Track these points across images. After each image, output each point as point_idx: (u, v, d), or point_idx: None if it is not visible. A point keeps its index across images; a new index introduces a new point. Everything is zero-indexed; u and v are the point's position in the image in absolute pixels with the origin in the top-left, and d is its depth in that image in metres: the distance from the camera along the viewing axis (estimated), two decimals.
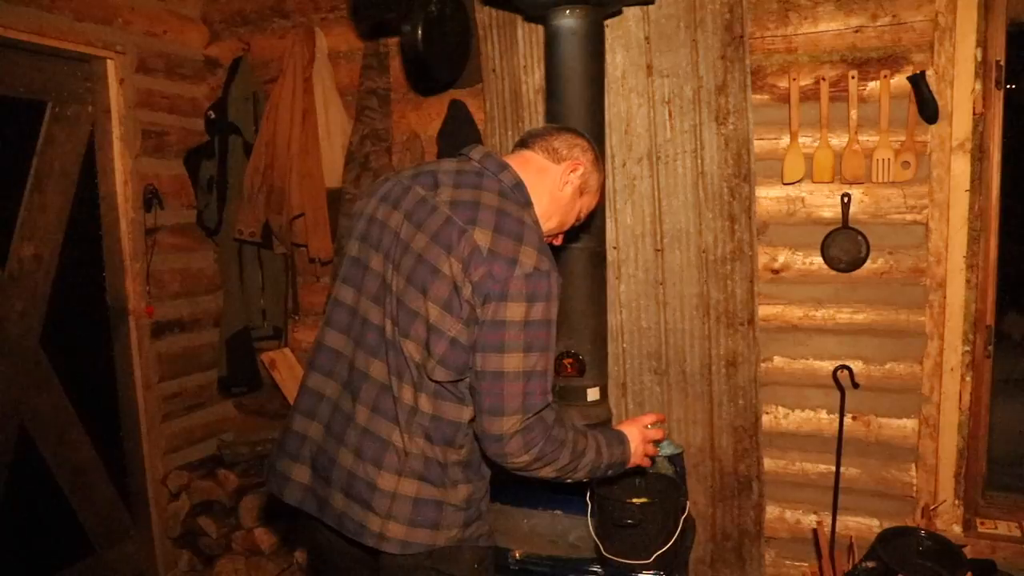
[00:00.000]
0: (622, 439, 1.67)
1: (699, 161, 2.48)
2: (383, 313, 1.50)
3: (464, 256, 1.42)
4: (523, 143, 1.67)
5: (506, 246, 1.42)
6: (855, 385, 2.44)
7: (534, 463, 1.46)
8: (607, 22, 2.42)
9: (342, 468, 1.52)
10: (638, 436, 1.71)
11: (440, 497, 1.50)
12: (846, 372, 2.43)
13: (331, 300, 1.63)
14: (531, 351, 1.42)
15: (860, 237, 2.40)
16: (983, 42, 2.24)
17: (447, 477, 1.50)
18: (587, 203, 1.69)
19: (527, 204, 1.55)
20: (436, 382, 1.46)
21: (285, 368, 3.24)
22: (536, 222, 1.55)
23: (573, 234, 1.94)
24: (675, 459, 2.14)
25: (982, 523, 2.44)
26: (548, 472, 1.50)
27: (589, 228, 2.24)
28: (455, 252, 1.43)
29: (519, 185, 1.56)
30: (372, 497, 1.48)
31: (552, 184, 1.61)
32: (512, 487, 2.57)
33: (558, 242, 1.75)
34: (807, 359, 2.54)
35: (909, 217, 2.37)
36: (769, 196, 2.52)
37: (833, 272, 2.46)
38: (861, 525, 2.52)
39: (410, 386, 1.47)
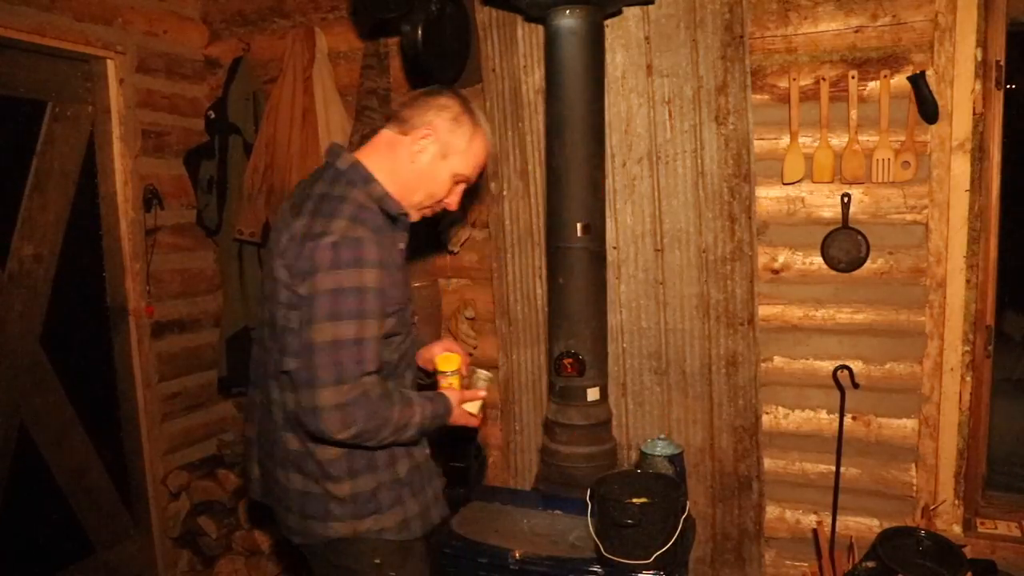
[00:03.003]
0: (448, 408, 1.72)
1: (699, 161, 2.48)
2: (270, 320, 1.61)
3: (284, 250, 1.51)
4: (386, 118, 1.70)
5: (319, 224, 1.47)
6: (855, 385, 2.44)
7: (354, 438, 1.48)
8: (607, 22, 2.42)
9: (266, 467, 1.69)
10: (458, 399, 1.77)
11: (322, 490, 1.57)
12: (846, 372, 2.43)
13: None
14: (341, 319, 1.42)
15: (860, 237, 2.40)
16: (983, 42, 2.24)
17: (325, 471, 1.56)
18: (460, 163, 1.65)
19: (364, 181, 1.57)
20: (286, 373, 1.54)
21: None
22: (372, 196, 1.56)
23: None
24: (675, 459, 2.14)
25: (982, 523, 2.44)
26: (369, 444, 1.53)
27: (591, 230, 2.24)
28: (279, 250, 1.52)
29: (354, 166, 1.58)
30: (280, 491, 1.64)
31: (402, 157, 1.61)
32: (512, 487, 2.57)
33: (453, 207, 1.74)
34: (807, 359, 2.54)
35: (909, 217, 2.37)
36: (769, 196, 2.52)
37: (833, 272, 2.46)
38: (861, 525, 2.52)
39: (279, 386, 1.57)
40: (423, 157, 1.61)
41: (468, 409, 1.80)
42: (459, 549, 1.97)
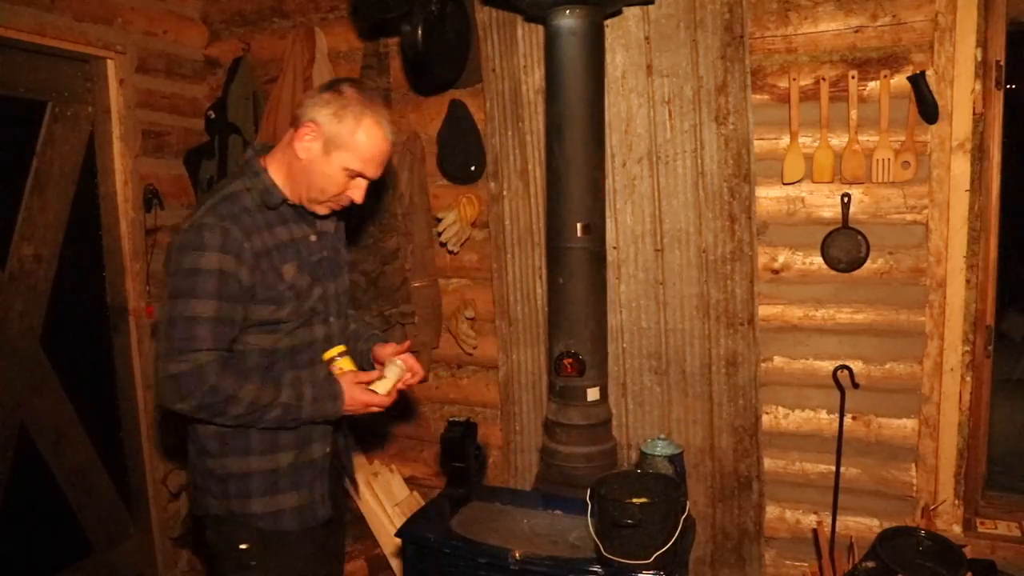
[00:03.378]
0: (335, 391, 1.66)
1: (699, 161, 2.48)
2: None
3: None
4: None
5: (192, 214, 1.59)
6: (855, 385, 2.44)
7: (199, 412, 1.54)
8: (607, 22, 2.42)
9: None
10: (351, 380, 1.70)
11: (204, 465, 1.66)
12: (846, 372, 2.43)
13: None
14: (178, 297, 1.52)
15: (860, 237, 2.40)
16: (983, 42, 2.24)
17: (203, 446, 1.65)
18: (347, 158, 1.62)
19: (253, 174, 1.65)
20: None
21: None
22: (255, 188, 1.63)
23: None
24: (675, 459, 2.14)
25: (982, 523, 2.44)
26: (224, 420, 1.57)
27: (591, 230, 2.24)
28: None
29: (248, 161, 1.68)
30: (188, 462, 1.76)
31: (292, 153, 1.64)
32: (512, 487, 2.56)
33: (358, 200, 1.71)
34: (807, 359, 2.54)
35: (909, 217, 2.37)
36: (769, 196, 2.52)
37: (833, 272, 2.46)
38: (861, 525, 2.52)
39: None
40: (307, 153, 1.63)
41: (375, 389, 1.72)
42: (459, 549, 1.97)
